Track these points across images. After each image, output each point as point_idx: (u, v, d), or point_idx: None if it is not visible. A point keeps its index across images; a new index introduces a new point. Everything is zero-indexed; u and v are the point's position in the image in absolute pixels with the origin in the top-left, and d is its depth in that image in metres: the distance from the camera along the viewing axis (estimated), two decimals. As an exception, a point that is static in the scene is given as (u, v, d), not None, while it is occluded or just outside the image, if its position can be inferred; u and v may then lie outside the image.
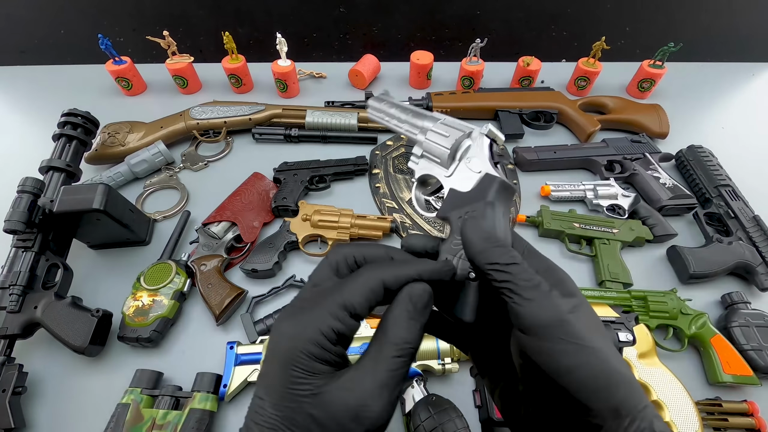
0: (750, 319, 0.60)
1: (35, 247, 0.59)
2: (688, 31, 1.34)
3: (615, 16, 1.33)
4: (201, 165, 0.83)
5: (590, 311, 0.25)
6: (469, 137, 0.34)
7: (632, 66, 0.98)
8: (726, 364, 0.56)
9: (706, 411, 0.54)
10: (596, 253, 0.69)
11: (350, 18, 1.32)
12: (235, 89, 0.99)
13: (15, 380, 0.52)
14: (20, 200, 0.60)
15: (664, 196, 0.74)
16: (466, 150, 0.34)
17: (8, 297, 0.56)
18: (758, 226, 0.70)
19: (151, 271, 0.62)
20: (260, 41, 1.27)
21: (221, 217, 0.70)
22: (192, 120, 0.85)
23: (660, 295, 0.62)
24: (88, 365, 0.58)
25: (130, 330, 0.57)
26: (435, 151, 0.35)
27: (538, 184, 0.79)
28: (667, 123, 0.88)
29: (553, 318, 0.23)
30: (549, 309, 0.23)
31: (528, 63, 0.95)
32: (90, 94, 0.97)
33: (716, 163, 0.79)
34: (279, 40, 0.89)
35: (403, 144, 0.85)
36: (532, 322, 0.23)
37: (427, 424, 0.47)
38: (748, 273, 0.67)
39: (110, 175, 0.77)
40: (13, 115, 0.97)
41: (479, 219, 0.29)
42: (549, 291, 0.24)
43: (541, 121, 0.90)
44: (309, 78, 1.04)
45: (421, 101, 0.92)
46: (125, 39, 1.29)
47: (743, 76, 1.09)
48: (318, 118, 0.87)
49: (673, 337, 0.62)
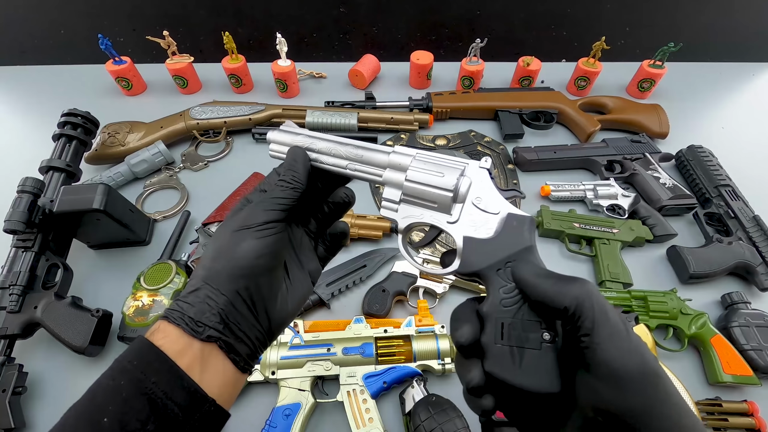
0: (750, 319, 0.60)
1: (35, 247, 0.59)
2: (688, 31, 1.34)
3: (615, 16, 1.33)
4: (201, 165, 0.83)
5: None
6: (465, 174, 0.30)
7: (632, 66, 0.98)
8: (726, 364, 0.56)
9: (706, 411, 0.54)
10: (596, 253, 0.69)
11: (350, 18, 1.32)
12: (235, 89, 0.99)
13: (15, 380, 0.52)
14: (20, 200, 0.60)
15: (664, 196, 0.74)
16: (468, 189, 0.29)
17: (8, 297, 0.56)
18: (758, 226, 0.70)
19: (151, 271, 0.62)
20: (260, 41, 1.27)
21: (221, 217, 0.70)
22: (192, 120, 0.85)
23: (660, 295, 0.62)
24: (88, 365, 0.58)
25: (130, 330, 0.57)
26: (429, 195, 0.30)
27: (538, 184, 0.79)
28: (667, 123, 0.88)
29: (640, 367, 0.22)
30: (634, 354, 0.22)
31: (528, 63, 0.95)
32: (90, 94, 0.97)
33: (716, 163, 0.79)
34: (279, 40, 0.89)
35: (404, 144, 0.85)
36: (615, 368, 0.22)
37: (427, 424, 0.47)
38: (748, 273, 0.67)
39: (110, 175, 0.77)
40: (13, 115, 0.97)
41: (532, 264, 0.27)
42: (628, 331, 0.23)
43: (541, 121, 0.90)
44: (309, 78, 1.04)
45: (421, 101, 0.92)
46: (125, 39, 1.29)
47: (743, 76, 1.09)
48: (318, 118, 0.87)
49: (673, 337, 0.62)
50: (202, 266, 0.29)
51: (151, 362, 0.26)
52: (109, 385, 0.26)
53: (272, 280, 0.30)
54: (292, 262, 0.34)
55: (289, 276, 0.33)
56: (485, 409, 0.26)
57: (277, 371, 0.54)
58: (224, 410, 0.27)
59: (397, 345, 0.56)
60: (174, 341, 0.26)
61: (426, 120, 0.89)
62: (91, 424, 0.24)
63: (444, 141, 0.87)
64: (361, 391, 0.53)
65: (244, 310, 0.28)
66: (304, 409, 0.52)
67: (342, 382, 0.54)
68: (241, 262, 0.28)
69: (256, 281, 0.29)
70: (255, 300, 0.29)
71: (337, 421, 0.53)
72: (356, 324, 0.58)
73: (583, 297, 0.23)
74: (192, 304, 0.27)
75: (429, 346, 0.56)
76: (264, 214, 0.29)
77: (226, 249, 0.29)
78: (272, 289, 0.30)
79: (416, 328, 0.58)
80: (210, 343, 0.27)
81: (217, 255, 0.29)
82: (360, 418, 0.51)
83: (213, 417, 0.26)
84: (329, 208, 0.36)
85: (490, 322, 0.26)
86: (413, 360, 0.55)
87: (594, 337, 0.22)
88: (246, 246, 0.28)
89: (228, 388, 0.28)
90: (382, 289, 0.63)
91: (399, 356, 0.56)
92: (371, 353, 0.55)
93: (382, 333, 0.57)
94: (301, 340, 0.56)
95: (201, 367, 0.26)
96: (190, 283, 0.29)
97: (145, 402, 0.24)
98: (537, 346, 0.25)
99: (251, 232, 0.29)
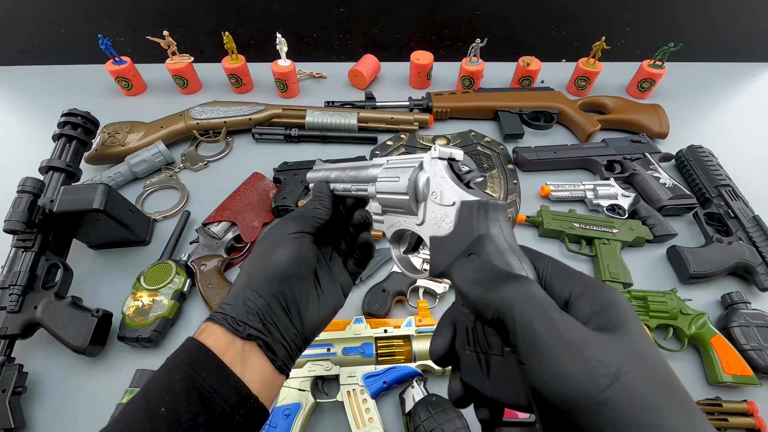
0: (750, 319, 0.60)
1: (35, 247, 0.59)
2: (688, 31, 1.34)
3: (615, 16, 1.33)
4: (201, 165, 0.83)
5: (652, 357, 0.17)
6: (422, 169, 0.28)
7: (632, 66, 0.98)
8: (726, 364, 0.56)
9: (706, 411, 0.53)
10: (596, 253, 0.69)
11: (350, 18, 1.32)
12: (235, 89, 0.99)
13: (15, 380, 0.52)
14: (20, 200, 0.60)
15: (664, 196, 0.74)
16: (426, 185, 0.27)
17: (8, 297, 0.56)
18: (758, 226, 0.70)
19: (151, 271, 0.62)
20: (260, 41, 1.27)
21: (221, 217, 0.70)
22: (192, 120, 0.85)
23: (660, 295, 0.62)
24: (88, 365, 0.58)
25: (130, 330, 0.57)
26: (393, 202, 0.29)
27: (538, 184, 0.79)
28: (667, 123, 0.88)
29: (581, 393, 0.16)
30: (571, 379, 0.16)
31: (528, 63, 0.95)
32: (90, 94, 0.97)
33: (716, 163, 0.79)
34: (279, 40, 0.89)
35: (404, 144, 0.85)
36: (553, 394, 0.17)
37: (427, 424, 0.47)
38: (748, 273, 0.67)
39: (110, 175, 0.77)
40: (13, 115, 0.97)
41: (472, 263, 0.23)
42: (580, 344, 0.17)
43: (541, 121, 0.90)
44: (309, 78, 1.04)
45: (421, 101, 0.92)
46: (125, 39, 1.29)
47: (743, 76, 1.09)
48: (318, 118, 0.87)
49: (673, 337, 0.62)
50: (242, 273, 0.33)
51: (200, 360, 0.28)
52: (163, 380, 0.27)
53: (304, 285, 0.33)
54: (324, 273, 0.37)
55: (321, 286, 0.36)
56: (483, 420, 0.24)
57: (277, 371, 0.54)
58: (265, 408, 0.29)
59: (397, 345, 0.56)
60: (218, 339, 0.29)
61: (426, 120, 0.89)
62: (149, 414, 0.25)
63: (444, 141, 0.87)
64: (361, 391, 0.53)
65: (280, 311, 0.31)
66: (304, 409, 0.52)
67: (342, 382, 0.54)
68: (276, 267, 0.32)
69: (290, 285, 0.32)
70: (289, 303, 0.32)
71: (337, 421, 0.54)
72: (356, 324, 0.58)
73: (505, 309, 0.19)
74: (233, 305, 0.30)
75: (429, 346, 0.56)
76: (296, 224, 0.34)
77: (263, 255, 0.33)
78: (304, 294, 0.33)
79: (416, 328, 0.58)
80: (250, 341, 0.30)
81: (255, 261, 0.33)
82: (360, 418, 0.51)
83: (255, 414, 0.28)
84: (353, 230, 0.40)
85: (459, 327, 0.25)
86: (413, 360, 0.56)
87: (520, 357, 0.18)
88: (280, 252, 0.32)
89: (266, 387, 0.30)
90: (382, 289, 0.63)
91: (399, 356, 0.56)
92: (371, 353, 0.55)
93: (382, 333, 0.57)
94: (301, 340, 0.56)
95: (242, 364, 0.29)
96: (233, 288, 0.32)
97: (196, 396, 0.26)
98: (499, 352, 0.22)
99: (285, 238, 0.33)
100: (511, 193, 0.78)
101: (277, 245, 0.32)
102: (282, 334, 0.31)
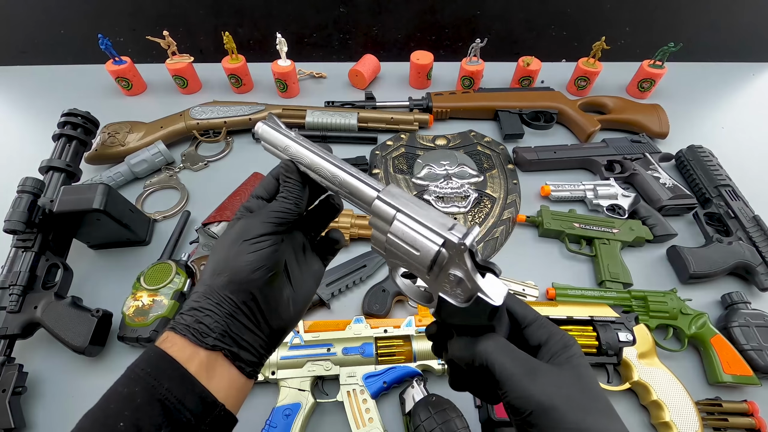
0: (750, 319, 0.60)
1: (35, 247, 0.59)
2: (688, 31, 1.34)
3: (615, 16, 1.33)
4: (201, 165, 0.83)
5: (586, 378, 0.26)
6: (445, 247, 0.27)
7: (632, 66, 0.98)
8: (726, 364, 0.56)
9: (706, 411, 0.54)
10: (596, 253, 0.68)
11: (350, 18, 1.32)
12: (235, 89, 0.99)
13: (15, 380, 0.52)
14: (20, 200, 0.60)
15: (664, 196, 0.74)
16: (445, 262, 0.27)
17: (8, 297, 0.56)
18: (758, 226, 0.70)
19: (151, 271, 0.62)
20: (260, 41, 1.27)
21: (221, 217, 0.70)
22: (192, 120, 0.85)
23: (660, 295, 0.62)
24: (88, 365, 0.58)
25: (130, 330, 0.57)
26: (402, 258, 0.29)
27: (538, 184, 0.79)
28: (667, 123, 0.88)
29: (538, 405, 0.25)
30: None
31: (528, 63, 0.95)
32: (90, 94, 0.97)
33: (716, 163, 0.79)
34: (279, 40, 0.89)
35: (404, 144, 0.85)
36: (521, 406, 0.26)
37: (427, 424, 0.47)
38: (748, 273, 0.67)
39: (110, 175, 0.77)
40: (13, 115, 0.97)
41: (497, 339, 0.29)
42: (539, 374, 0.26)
43: (541, 121, 0.90)
44: (309, 78, 1.04)
45: (421, 101, 0.92)
46: (125, 39, 1.28)
47: (743, 76, 1.09)
48: (318, 118, 0.87)
49: (673, 337, 0.62)
50: (202, 282, 0.30)
51: (163, 369, 0.26)
52: (122, 392, 0.26)
53: (271, 290, 0.30)
54: (293, 266, 0.34)
55: (291, 281, 0.33)
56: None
57: (277, 371, 0.54)
58: (232, 415, 0.28)
59: (397, 345, 0.56)
60: (181, 349, 0.28)
61: (426, 120, 0.89)
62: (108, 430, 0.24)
63: (444, 141, 0.87)
64: (361, 391, 0.53)
65: (245, 320, 0.29)
66: (304, 409, 0.52)
67: (342, 382, 0.54)
68: (238, 276, 0.28)
69: (255, 293, 0.29)
70: (254, 311, 0.30)
71: (337, 421, 0.54)
72: (356, 324, 0.58)
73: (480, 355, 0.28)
74: (194, 317, 0.28)
75: (429, 346, 0.56)
76: (261, 226, 0.29)
77: (224, 263, 0.29)
78: (272, 298, 0.31)
79: (416, 328, 0.58)
80: (215, 351, 0.28)
81: (215, 269, 0.30)
82: (360, 418, 0.51)
83: (222, 421, 0.27)
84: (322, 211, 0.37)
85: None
86: (413, 360, 0.56)
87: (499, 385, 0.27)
88: (243, 260, 0.29)
89: (234, 393, 0.29)
90: (382, 289, 0.63)
91: (399, 356, 0.56)
92: (371, 353, 0.55)
93: (382, 333, 0.57)
94: (301, 340, 0.56)
95: (207, 374, 0.27)
96: (192, 297, 0.30)
97: (159, 407, 0.25)
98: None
99: (248, 245, 0.29)
100: (511, 193, 0.78)
101: (240, 251, 0.29)
102: (249, 341, 0.29)
